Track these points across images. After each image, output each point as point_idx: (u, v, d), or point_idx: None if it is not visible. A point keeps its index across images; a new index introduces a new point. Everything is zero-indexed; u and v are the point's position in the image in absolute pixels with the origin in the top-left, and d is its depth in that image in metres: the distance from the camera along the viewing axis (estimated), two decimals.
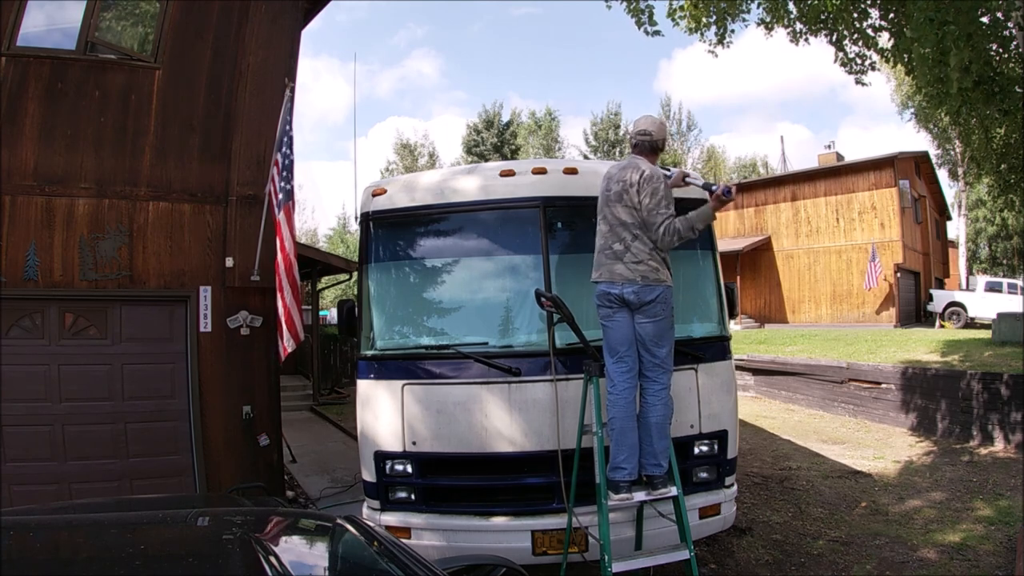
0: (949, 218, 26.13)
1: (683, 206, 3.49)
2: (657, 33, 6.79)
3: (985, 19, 5.33)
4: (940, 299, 19.32)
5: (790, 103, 60.01)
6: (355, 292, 4.78)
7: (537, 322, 3.69)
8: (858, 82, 6.99)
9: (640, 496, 3.29)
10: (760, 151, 60.70)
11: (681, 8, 6.69)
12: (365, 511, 3.83)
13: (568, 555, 3.53)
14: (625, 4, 6.70)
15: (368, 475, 3.80)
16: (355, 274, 4.75)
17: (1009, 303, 16.25)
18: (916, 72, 5.33)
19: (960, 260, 24.00)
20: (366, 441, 3.80)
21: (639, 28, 6.76)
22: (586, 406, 3.43)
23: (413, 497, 3.71)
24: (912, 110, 21.48)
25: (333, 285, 17.49)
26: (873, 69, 6.98)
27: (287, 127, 5.13)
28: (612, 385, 3.32)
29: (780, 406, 11.23)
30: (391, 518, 3.69)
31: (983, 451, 7.57)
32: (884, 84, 22.45)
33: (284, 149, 5.05)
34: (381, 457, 3.73)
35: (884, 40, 6.54)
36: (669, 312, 3.33)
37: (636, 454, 3.28)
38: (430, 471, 3.71)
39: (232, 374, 5.28)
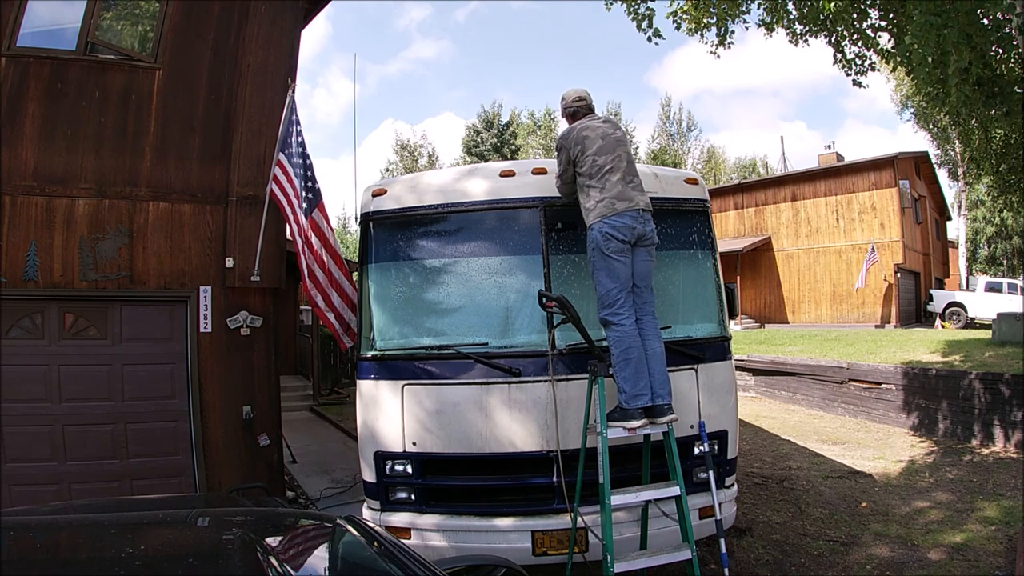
0: (949, 218, 26.14)
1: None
2: (657, 35, 6.78)
3: (986, 20, 5.32)
4: (940, 299, 19.33)
5: (792, 100, 60.07)
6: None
7: (537, 322, 3.69)
8: (856, 83, 6.99)
9: (646, 428, 3.34)
10: (760, 151, 60.78)
11: (681, 10, 6.68)
12: (365, 511, 3.82)
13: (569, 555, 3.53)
14: (625, 6, 6.69)
15: (368, 475, 3.80)
16: (355, 274, 4.81)
17: (1009, 303, 16.27)
18: (916, 74, 5.33)
19: (960, 260, 24.02)
20: (366, 441, 3.80)
21: (640, 31, 6.76)
22: (591, 406, 3.42)
23: (413, 497, 3.71)
24: (912, 110, 21.51)
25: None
26: (873, 70, 6.98)
27: (294, 127, 5.13)
28: (621, 320, 3.37)
29: (780, 406, 11.23)
30: (391, 518, 3.69)
31: (984, 451, 7.57)
32: (884, 84, 22.50)
33: (296, 149, 5.06)
34: (381, 457, 3.73)
35: (884, 40, 6.54)
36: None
37: (649, 382, 3.37)
38: (430, 471, 3.70)
39: (232, 374, 5.28)
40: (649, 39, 6.78)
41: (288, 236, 5.41)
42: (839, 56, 6.87)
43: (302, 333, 14.31)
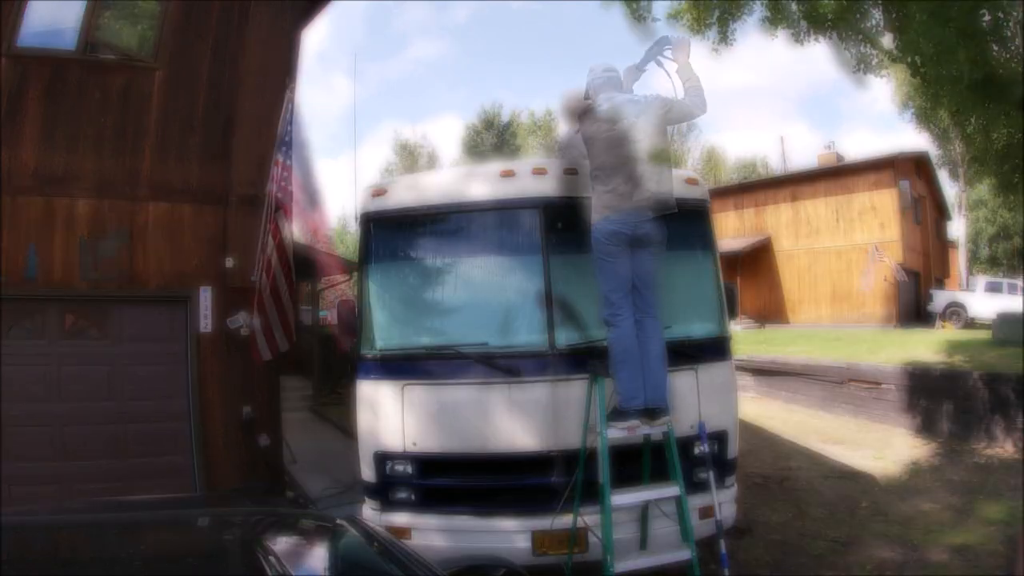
0: (949, 218, 26.10)
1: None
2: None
3: (986, 17, 5.32)
4: (940, 299, 19.28)
5: (792, 100, 60.08)
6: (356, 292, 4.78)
7: (537, 322, 3.68)
8: (862, 82, 7.01)
9: (644, 429, 3.34)
10: (760, 151, 60.71)
11: (683, 10, 6.68)
12: (365, 511, 3.82)
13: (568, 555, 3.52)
14: (624, 6, 6.68)
15: (368, 475, 3.80)
16: (355, 274, 4.82)
17: (1009, 303, 16.22)
18: (914, 75, 5.33)
19: (960, 260, 23.98)
20: (366, 441, 3.79)
21: (635, 31, 6.74)
22: (590, 406, 3.42)
23: (413, 497, 3.71)
24: (912, 110, 21.48)
25: (330, 287, 17.45)
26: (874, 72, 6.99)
27: (294, 127, 5.12)
28: (620, 321, 3.34)
29: (780, 406, 11.22)
30: (391, 518, 3.68)
31: (984, 451, 7.56)
32: (884, 84, 22.47)
33: (298, 149, 5.06)
34: (381, 457, 3.72)
35: (886, 41, 6.54)
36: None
37: (643, 383, 3.35)
38: (430, 471, 3.70)
39: (232, 374, 5.28)
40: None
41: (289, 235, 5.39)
42: (842, 56, 6.87)
43: (302, 333, 14.30)
